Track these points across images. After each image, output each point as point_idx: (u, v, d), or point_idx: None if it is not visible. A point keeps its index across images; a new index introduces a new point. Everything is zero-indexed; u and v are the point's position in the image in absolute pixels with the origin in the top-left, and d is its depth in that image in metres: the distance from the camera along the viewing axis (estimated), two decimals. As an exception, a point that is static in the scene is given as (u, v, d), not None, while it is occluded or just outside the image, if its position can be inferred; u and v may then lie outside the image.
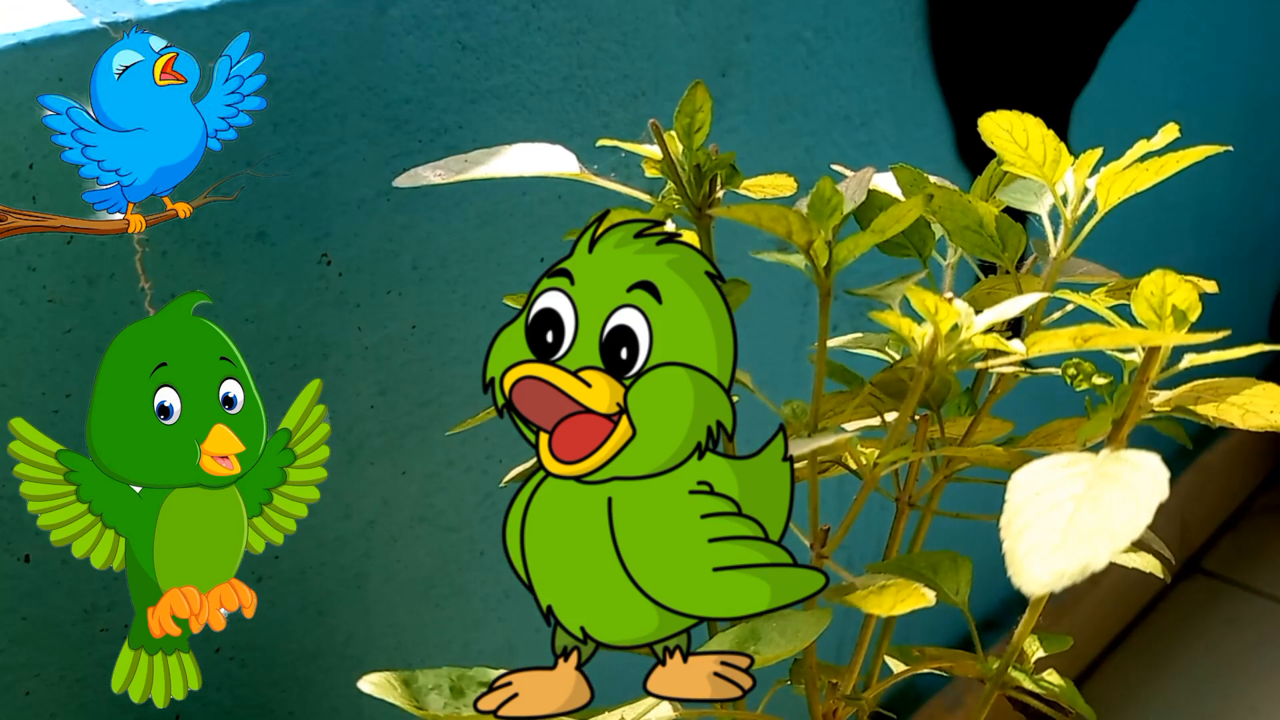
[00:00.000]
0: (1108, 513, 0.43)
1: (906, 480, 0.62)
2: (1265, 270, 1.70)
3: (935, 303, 0.50)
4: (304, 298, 0.66)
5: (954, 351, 0.51)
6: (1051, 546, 0.43)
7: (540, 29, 0.72)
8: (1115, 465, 0.45)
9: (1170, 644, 1.48)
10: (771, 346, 0.95)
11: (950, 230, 0.58)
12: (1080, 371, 0.53)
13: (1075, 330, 0.48)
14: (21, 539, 0.59)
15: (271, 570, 0.68)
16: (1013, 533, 0.44)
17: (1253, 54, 1.47)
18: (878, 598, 0.52)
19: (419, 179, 0.57)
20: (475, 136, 0.70)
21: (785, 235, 0.53)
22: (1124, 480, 0.44)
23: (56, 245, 0.57)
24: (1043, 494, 0.45)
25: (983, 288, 0.60)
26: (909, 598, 0.51)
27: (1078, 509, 0.44)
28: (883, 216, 0.53)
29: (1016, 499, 0.45)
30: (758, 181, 0.57)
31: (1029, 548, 0.43)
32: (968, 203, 0.57)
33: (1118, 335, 0.49)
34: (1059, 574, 0.42)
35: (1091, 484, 0.44)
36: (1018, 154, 0.56)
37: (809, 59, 0.89)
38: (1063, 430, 0.61)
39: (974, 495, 0.63)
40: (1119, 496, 0.43)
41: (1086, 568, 0.42)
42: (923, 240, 0.62)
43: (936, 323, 0.51)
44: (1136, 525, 0.42)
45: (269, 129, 0.62)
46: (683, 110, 0.54)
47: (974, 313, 0.51)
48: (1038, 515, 0.44)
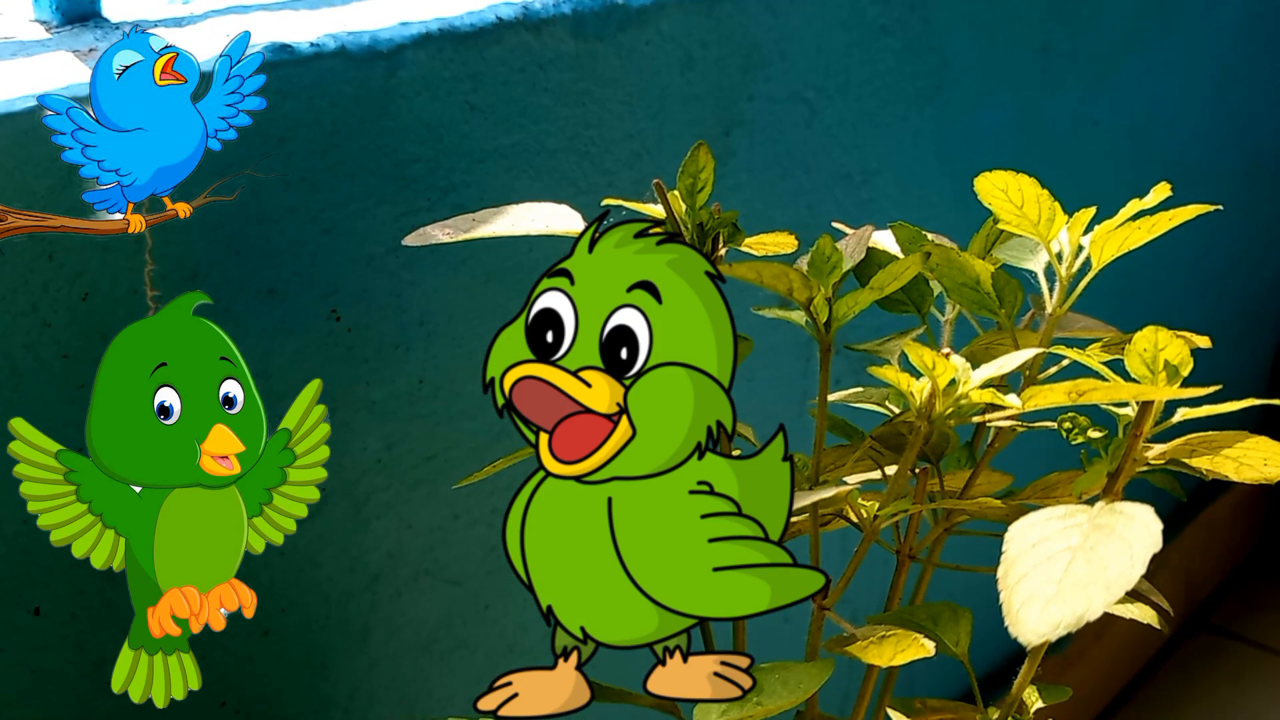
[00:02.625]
0: (1102, 564, 0.44)
1: (907, 533, 0.62)
2: (1266, 326, 1.71)
3: (933, 358, 0.51)
4: (313, 353, 0.67)
5: (952, 406, 0.52)
6: (1047, 597, 0.43)
7: (546, 90, 0.73)
8: (1110, 517, 0.46)
9: (1176, 700, 1.47)
10: (776, 401, 0.96)
11: (948, 288, 0.59)
12: (1075, 425, 0.54)
13: (1070, 385, 0.49)
14: (31, 591, 0.59)
15: (277, 624, 0.69)
16: (1009, 584, 0.45)
17: (1251, 111, 1.48)
18: (878, 648, 0.52)
19: (428, 238, 0.58)
20: (482, 195, 0.71)
21: (786, 292, 0.54)
22: (1118, 532, 0.45)
23: (73, 302, 0.57)
24: (1039, 546, 0.45)
25: (980, 343, 0.61)
26: (909, 649, 0.51)
27: (1073, 561, 0.44)
28: (881, 274, 0.54)
29: (1013, 551, 0.46)
30: (759, 239, 0.58)
31: (1025, 599, 0.44)
32: (965, 261, 0.58)
33: (1111, 390, 0.49)
34: (1054, 624, 0.43)
35: (1087, 535, 0.45)
36: (1013, 213, 0.57)
37: (811, 118, 0.90)
38: (1060, 483, 0.61)
39: (975, 549, 0.63)
40: (1113, 548, 0.44)
41: (1081, 617, 0.42)
42: (921, 297, 0.62)
43: (934, 377, 0.51)
44: (1130, 576, 0.43)
45: (280, 187, 0.63)
46: (686, 170, 0.55)
47: (971, 368, 0.51)
48: (1034, 567, 0.45)
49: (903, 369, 0.53)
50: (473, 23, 0.69)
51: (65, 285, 0.57)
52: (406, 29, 0.66)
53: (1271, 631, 1.58)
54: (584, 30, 0.74)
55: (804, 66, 0.89)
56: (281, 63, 0.62)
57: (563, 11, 0.73)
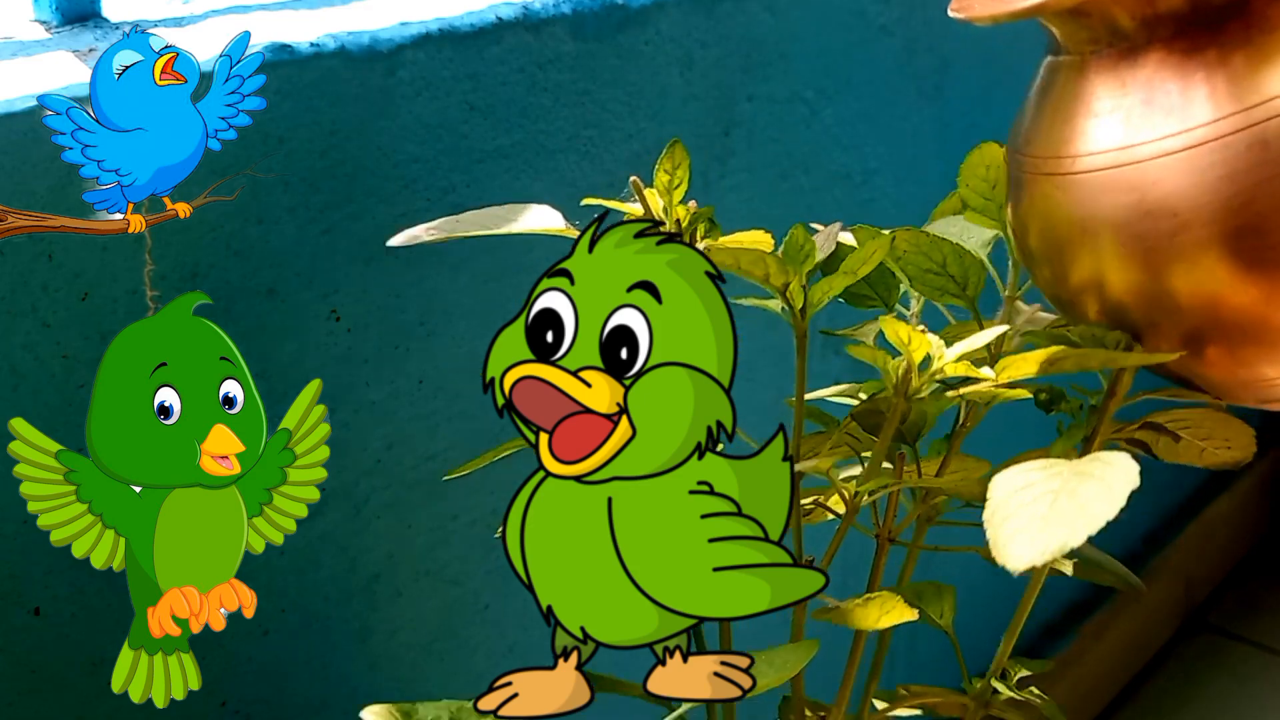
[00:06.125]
0: (1085, 501, 0.45)
1: (885, 515, 0.62)
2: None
3: (908, 333, 0.51)
4: (313, 353, 0.67)
5: (928, 380, 0.52)
6: (1034, 529, 0.45)
7: (546, 90, 0.73)
8: (1089, 464, 0.47)
9: (1176, 700, 1.48)
10: (776, 401, 0.96)
11: (912, 275, 0.60)
12: (1051, 395, 0.55)
13: (1043, 354, 0.50)
14: (31, 591, 0.59)
15: (277, 624, 0.69)
16: (995, 523, 0.46)
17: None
18: (863, 611, 0.53)
19: (414, 238, 0.58)
20: (482, 195, 0.71)
21: (763, 278, 0.54)
22: (1098, 475, 0.46)
23: (73, 302, 0.57)
24: (1023, 490, 0.47)
25: (950, 331, 0.62)
26: (893, 611, 0.52)
27: (1056, 499, 0.46)
28: (852, 257, 0.56)
29: (999, 495, 0.47)
30: (736, 238, 0.58)
31: (1012, 531, 0.45)
32: (931, 241, 0.59)
33: (1083, 356, 0.50)
34: (1041, 550, 0.44)
35: (1067, 480, 0.47)
36: (986, 192, 0.58)
37: (810, 118, 0.90)
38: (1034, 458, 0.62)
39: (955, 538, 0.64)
40: (1094, 487, 0.46)
41: (1066, 544, 0.44)
42: (888, 290, 0.64)
43: (910, 353, 0.52)
44: (1111, 509, 0.45)
45: (280, 187, 0.63)
46: (662, 167, 0.55)
47: (945, 344, 0.52)
48: (1020, 506, 0.46)
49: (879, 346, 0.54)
50: (473, 23, 0.69)
51: (65, 285, 0.57)
52: (406, 29, 0.66)
53: (1271, 631, 1.58)
54: (584, 30, 0.74)
55: (804, 66, 0.89)
56: (281, 63, 0.62)
57: (563, 11, 0.73)
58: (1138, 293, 0.51)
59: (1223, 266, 0.49)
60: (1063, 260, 0.54)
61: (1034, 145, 0.55)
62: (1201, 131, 0.49)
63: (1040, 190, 0.54)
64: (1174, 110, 0.50)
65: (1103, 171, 0.51)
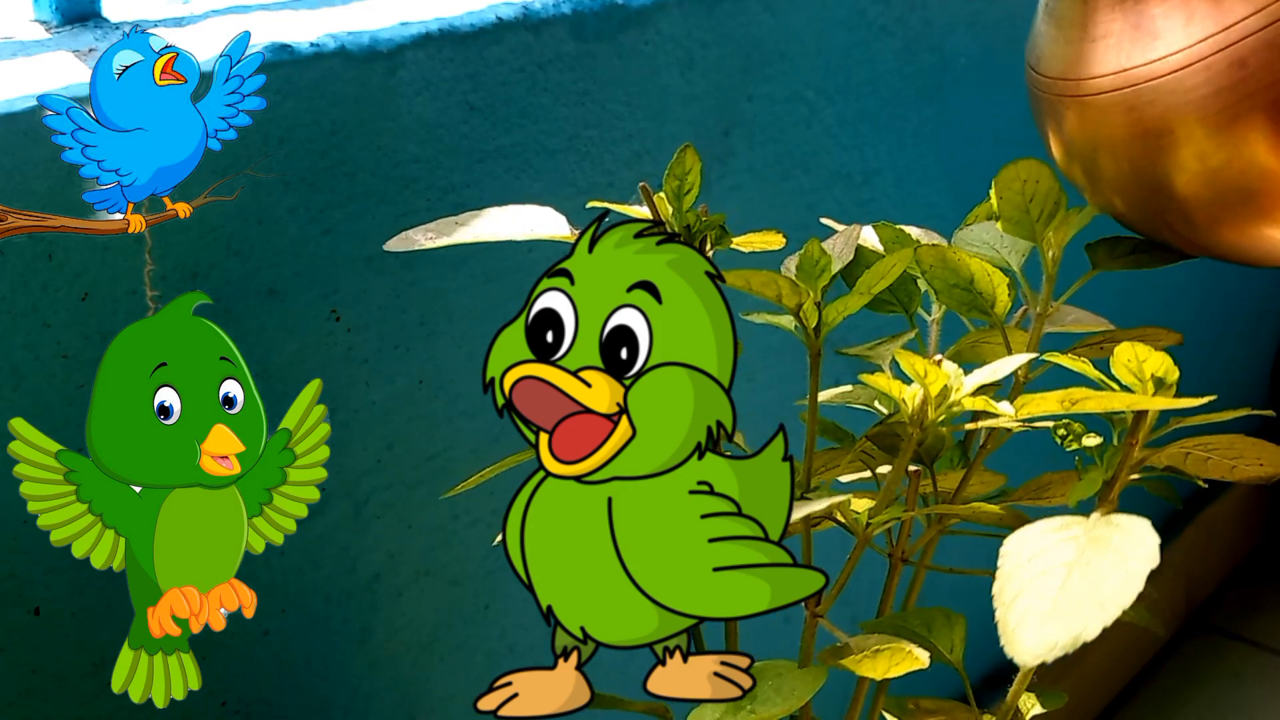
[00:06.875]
0: (1098, 580, 0.43)
1: (899, 536, 0.62)
2: (1267, 324, 1.71)
3: (925, 366, 0.50)
4: (313, 353, 0.67)
5: (944, 413, 0.51)
6: (1043, 614, 0.43)
7: (546, 90, 0.73)
8: (1106, 530, 0.45)
9: (1176, 700, 1.47)
10: (776, 401, 0.96)
11: (938, 289, 0.59)
12: (1070, 432, 0.54)
13: (1063, 394, 0.49)
14: (31, 591, 0.59)
15: (278, 624, 0.69)
16: (1004, 601, 0.44)
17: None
18: (872, 661, 0.52)
19: (410, 242, 0.58)
20: (482, 195, 0.71)
21: (775, 299, 0.54)
22: (1114, 546, 0.44)
23: (73, 302, 0.57)
24: (1034, 560, 0.45)
25: (968, 340, 0.61)
26: (903, 661, 0.51)
27: (1069, 575, 0.44)
28: (868, 274, 0.54)
29: (1008, 566, 0.46)
30: (747, 239, 0.57)
31: (1020, 616, 0.43)
32: (958, 259, 0.58)
33: (1105, 399, 0.49)
34: (1050, 645, 0.42)
35: (1083, 549, 0.45)
36: (1020, 206, 0.57)
37: (811, 118, 0.90)
38: (1053, 483, 0.61)
39: (968, 548, 0.63)
40: (1109, 563, 0.44)
41: (1078, 639, 0.42)
42: (909, 296, 0.62)
43: (926, 385, 0.51)
44: (1127, 594, 0.43)
45: (280, 187, 0.63)
46: (672, 173, 0.55)
47: (963, 374, 0.51)
48: (1029, 582, 0.44)
49: (894, 374, 0.53)
50: (473, 23, 0.69)
51: (65, 285, 0.57)
52: (406, 29, 0.66)
53: (1271, 631, 1.58)
54: (584, 30, 0.74)
55: (804, 66, 0.88)
56: (281, 63, 0.62)
57: (563, 11, 0.73)
58: (1152, 207, 0.56)
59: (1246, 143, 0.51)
60: (1091, 172, 0.57)
61: (1046, 64, 0.58)
62: (1184, 54, 0.50)
63: (1055, 111, 0.57)
64: (1159, 34, 0.51)
65: (1106, 95, 0.52)
